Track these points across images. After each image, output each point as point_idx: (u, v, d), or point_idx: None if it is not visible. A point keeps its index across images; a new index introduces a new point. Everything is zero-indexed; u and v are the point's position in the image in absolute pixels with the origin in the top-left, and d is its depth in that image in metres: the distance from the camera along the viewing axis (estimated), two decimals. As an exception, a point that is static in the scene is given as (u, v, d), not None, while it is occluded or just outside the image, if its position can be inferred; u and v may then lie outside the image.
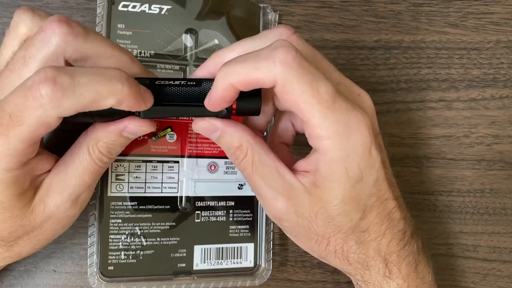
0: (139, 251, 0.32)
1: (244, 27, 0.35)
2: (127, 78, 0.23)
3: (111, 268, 0.31)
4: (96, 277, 0.31)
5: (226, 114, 0.26)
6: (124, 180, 0.32)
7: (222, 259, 0.34)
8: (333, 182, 0.25)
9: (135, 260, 0.32)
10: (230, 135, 0.26)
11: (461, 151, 0.39)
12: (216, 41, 0.34)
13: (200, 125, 0.27)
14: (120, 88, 0.22)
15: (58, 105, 0.21)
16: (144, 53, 0.32)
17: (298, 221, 0.26)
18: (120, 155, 0.32)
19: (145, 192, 0.32)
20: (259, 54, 0.24)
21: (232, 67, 0.24)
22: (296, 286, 0.36)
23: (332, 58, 0.38)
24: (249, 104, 0.27)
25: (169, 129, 0.33)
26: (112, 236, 0.31)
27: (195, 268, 0.33)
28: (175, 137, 0.33)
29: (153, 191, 0.32)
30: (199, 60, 0.34)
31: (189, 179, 0.33)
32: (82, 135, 0.26)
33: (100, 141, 0.26)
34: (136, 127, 0.26)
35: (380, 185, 0.27)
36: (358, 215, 0.26)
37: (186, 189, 0.33)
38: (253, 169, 0.26)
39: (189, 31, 0.34)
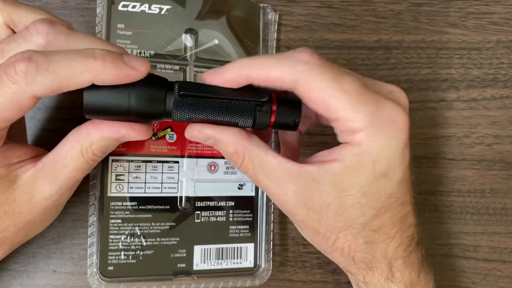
0: (139, 251, 0.32)
1: (244, 27, 0.35)
2: (101, 53, 0.22)
3: (111, 268, 0.31)
4: (96, 277, 0.31)
5: (261, 127, 0.26)
6: (124, 180, 0.32)
7: (222, 259, 0.34)
8: (356, 170, 0.25)
9: (135, 260, 0.32)
10: (224, 143, 0.26)
11: (461, 151, 0.39)
12: (216, 41, 0.34)
13: (192, 135, 0.26)
14: (93, 62, 0.22)
15: (33, 82, 0.21)
16: (144, 53, 0.32)
17: (308, 214, 0.26)
18: (120, 155, 0.32)
19: (145, 192, 0.32)
20: (283, 54, 0.24)
21: (255, 59, 0.24)
22: (296, 287, 0.36)
23: (332, 58, 0.38)
24: (287, 119, 0.26)
25: (169, 129, 0.33)
26: (112, 236, 0.31)
27: (195, 268, 0.33)
28: (175, 137, 0.33)
29: (153, 191, 0.32)
30: (199, 60, 0.34)
31: (189, 179, 0.33)
32: (74, 131, 0.25)
33: (94, 144, 0.25)
34: (132, 135, 0.25)
35: (402, 186, 0.26)
36: (373, 212, 0.25)
37: (186, 189, 0.33)
38: (255, 171, 0.26)
39: (189, 31, 0.34)
